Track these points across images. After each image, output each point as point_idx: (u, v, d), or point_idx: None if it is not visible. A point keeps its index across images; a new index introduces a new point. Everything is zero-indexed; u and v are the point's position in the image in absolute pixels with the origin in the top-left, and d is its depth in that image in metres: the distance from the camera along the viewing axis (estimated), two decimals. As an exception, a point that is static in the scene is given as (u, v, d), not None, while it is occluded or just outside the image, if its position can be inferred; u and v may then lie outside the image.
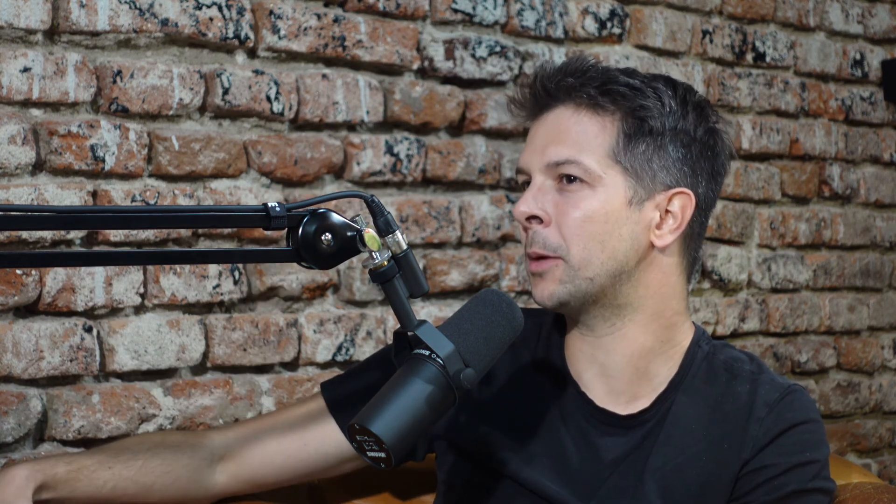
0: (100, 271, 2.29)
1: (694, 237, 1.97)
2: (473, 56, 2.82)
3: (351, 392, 2.00)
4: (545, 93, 1.95)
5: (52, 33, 2.27)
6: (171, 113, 2.39)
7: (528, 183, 1.95)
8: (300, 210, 1.67)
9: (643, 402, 1.95)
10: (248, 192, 2.48)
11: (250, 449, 2.02)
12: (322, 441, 2.02)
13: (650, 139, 1.91)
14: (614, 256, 1.90)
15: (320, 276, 2.58)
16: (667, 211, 1.93)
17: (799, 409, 1.93)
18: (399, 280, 1.68)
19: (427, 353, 1.65)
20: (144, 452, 1.94)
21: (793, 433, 1.91)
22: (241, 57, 2.50)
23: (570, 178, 1.90)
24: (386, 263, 1.67)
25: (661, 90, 1.94)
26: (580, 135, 1.91)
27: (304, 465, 2.03)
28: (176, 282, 2.39)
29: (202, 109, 2.44)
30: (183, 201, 2.40)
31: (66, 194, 2.26)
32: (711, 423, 1.93)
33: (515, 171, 2.00)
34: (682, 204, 1.93)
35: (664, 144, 1.92)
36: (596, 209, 1.89)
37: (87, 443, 2.29)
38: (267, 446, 2.01)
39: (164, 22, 2.37)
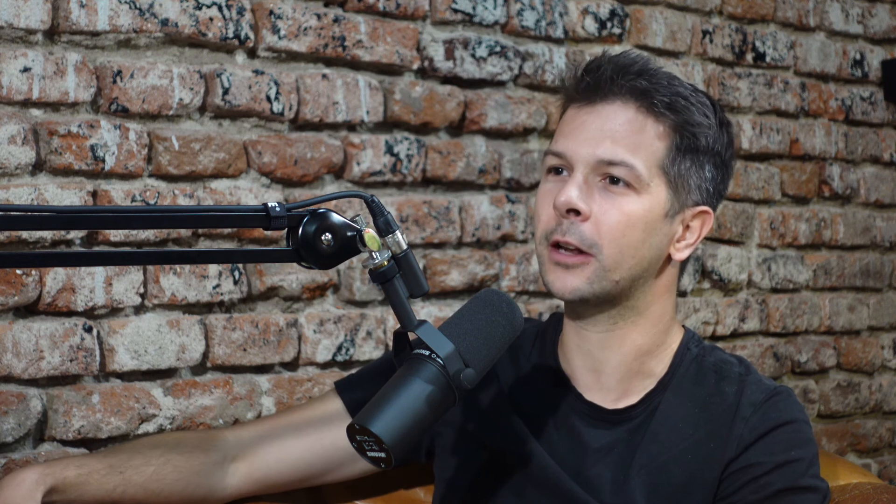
0: (100, 271, 2.29)
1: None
2: (473, 56, 2.82)
3: (369, 395, 1.99)
4: (610, 85, 1.91)
5: (52, 33, 2.27)
6: (171, 113, 2.39)
7: (557, 168, 1.93)
8: (300, 210, 1.67)
9: (632, 400, 1.97)
10: (248, 192, 2.48)
11: (265, 448, 2.01)
12: (338, 441, 2.01)
13: (694, 156, 1.91)
14: (641, 263, 1.91)
15: (320, 276, 2.58)
16: (687, 227, 1.94)
17: (784, 409, 1.93)
18: (399, 280, 1.67)
19: (427, 353, 1.65)
20: (156, 459, 1.94)
21: (778, 432, 1.91)
22: (241, 57, 2.50)
23: (616, 180, 1.89)
24: (386, 263, 1.67)
25: (707, 105, 1.93)
26: (636, 136, 1.89)
27: (319, 463, 2.03)
28: (176, 282, 2.39)
29: (202, 109, 2.44)
30: (183, 201, 2.40)
31: (66, 194, 2.26)
32: (698, 422, 1.94)
33: (546, 154, 1.95)
34: (703, 222, 1.95)
35: (703, 163, 1.93)
36: (639, 216, 1.89)
37: (87, 443, 2.29)
38: (282, 445, 2.01)
39: (164, 22, 2.37)
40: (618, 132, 1.89)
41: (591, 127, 1.91)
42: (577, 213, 1.88)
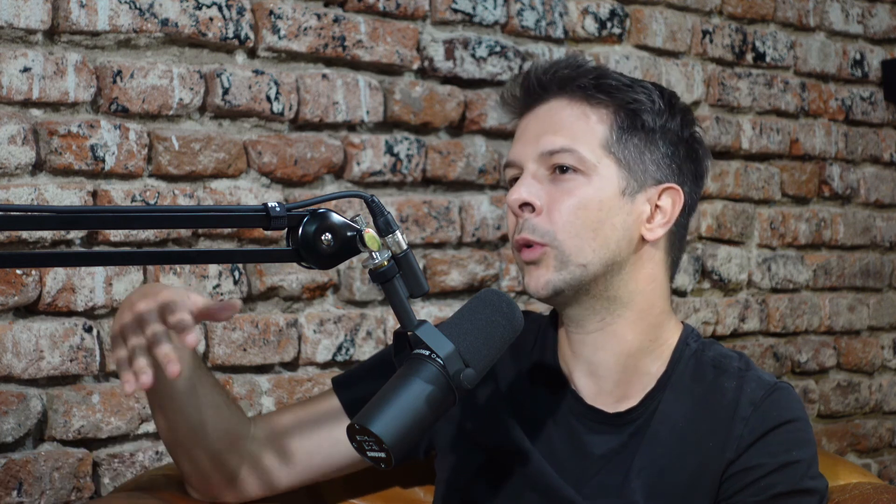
0: (100, 271, 2.29)
1: (678, 236, 1.99)
2: (473, 56, 2.82)
3: (366, 394, 1.99)
4: (539, 86, 1.96)
5: (52, 33, 2.27)
6: (171, 113, 2.39)
7: (517, 178, 1.96)
8: (300, 210, 1.67)
9: (632, 402, 1.96)
10: (248, 192, 2.48)
11: (272, 449, 2.01)
12: (339, 440, 2.01)
13: (642, 134, 1.94)
14: (606, 245, 1.91)
15: (320, 276, 2.58)
16: (657, 206, 1.95)
17: (784, 407, 1.92)
18: (399, 280, 1.67)
19: (427, 352, 1.65)
20: (217, 388, 1.94)
21: (778, 432, 1.90)
22: (241, 57, 2.50)
23: (564, 168, 1.91)
24: (386, 263, 1.67)
25: (651, 89, 1.98)
26: (575, 124, 1.93)
27: (319, 461, 2.02)
28: (176, 282, 2.39)
29: (202, 109, 2.44)
30: (183, 201, 2.40)
31: (66, 194, 2.26)
32: (698, 420, 1.93)
33: (504, 166, 2.01)
34: (672, 199, 1.96)
35: (655, 140, 1.95)
36: (590, 197, 1.91)
37: (87, 443, 2.29)
38: (286, 446, 2.01)
39: (164, 22, 2.37)
40: (557, 124, 1.94)
41: (532, 127, 1.97)
42: (531, 208, 1.91)
